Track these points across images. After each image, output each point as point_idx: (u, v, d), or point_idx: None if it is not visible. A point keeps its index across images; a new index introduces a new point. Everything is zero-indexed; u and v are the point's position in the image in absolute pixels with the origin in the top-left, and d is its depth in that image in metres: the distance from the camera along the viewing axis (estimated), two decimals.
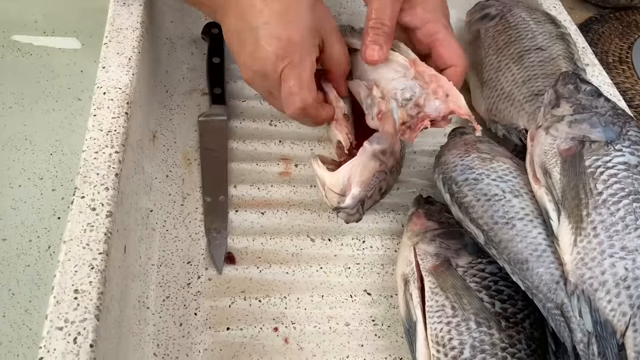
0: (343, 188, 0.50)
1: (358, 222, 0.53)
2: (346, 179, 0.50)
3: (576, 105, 0.53)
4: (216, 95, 0.64)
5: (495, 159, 0.55)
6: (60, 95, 0.74)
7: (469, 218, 0.51)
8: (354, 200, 0.50)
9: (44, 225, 0.65)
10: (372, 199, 0.53)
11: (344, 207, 0.51)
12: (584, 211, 0.47)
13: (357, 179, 0.50)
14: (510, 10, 0.71)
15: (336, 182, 0.51)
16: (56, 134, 0.71)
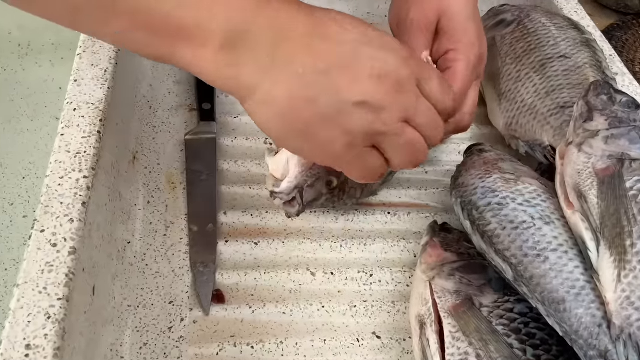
0: (284, 173, 0.45)
1: (298, 215, 0.47)
2: (286, 162, 0.45)
3: (612, 118, 0.47)
4: (205, 111, 0.58)
5: (520, 180, 0.48)
6: (35, 114, 0.67)
7: (494, 249, 0.44)
8: (290, 184, 0.45)
9: (12, 256, 0.58)
10: (315, 190, 0.47)
11: (278, 192, 0.45)
12: (628, 241, 0.41)
13: (296, 161, 0.45)
14: (528, 16, 0.64)
15: (277, 166, 0.46)
16: (30, 155, 0.65)
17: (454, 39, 0.49)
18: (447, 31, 0.50)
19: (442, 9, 0.50)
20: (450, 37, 0.49)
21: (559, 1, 0.69)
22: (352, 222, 0.54)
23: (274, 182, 0.46)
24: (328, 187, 0.47)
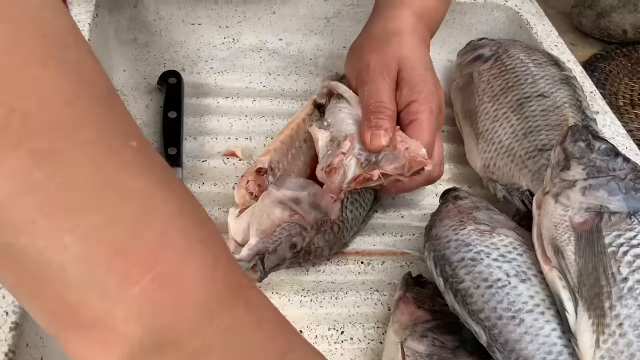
0: (244, 238, 0.44)
1: (260, 281, 0.46)
2: (247, 227, 0.44)
3: (590, 167, 0.45)
4: (170, 156, 0.56)
5: (496, 232, 0.46)
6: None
7: (467, 310, 0.42)
8: (250, 252, 0.43)
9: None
10: (277, 256, 0.45)
11: (239, 259, 0.44)
12: (607, 302, 0.39)
13: (256, 227, 0.44)
14: (506, 51, 0.63)
15: (237, 230, 0.45)
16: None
17: (415, 89, 0.50)
18: (407, 82, 0.50)
19: (401, 58, 0.51)
20: (411, 87, 0.50)
21: (539, 35, 0.67)
22: (323, 274, 0.52)
23: (234, 247, 0.44)
24: (292, 250, 0.45)
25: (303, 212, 0.45)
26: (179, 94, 0.60)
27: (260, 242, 0.44)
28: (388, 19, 0.55)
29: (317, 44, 0.72)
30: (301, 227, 0.46)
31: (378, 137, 0.47)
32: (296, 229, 0.46)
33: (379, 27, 0.55)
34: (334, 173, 0.46)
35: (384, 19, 0.55)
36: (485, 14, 0.73)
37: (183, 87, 0.63)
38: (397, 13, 0.55)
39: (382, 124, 0.48)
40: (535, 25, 0.69)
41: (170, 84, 0.61)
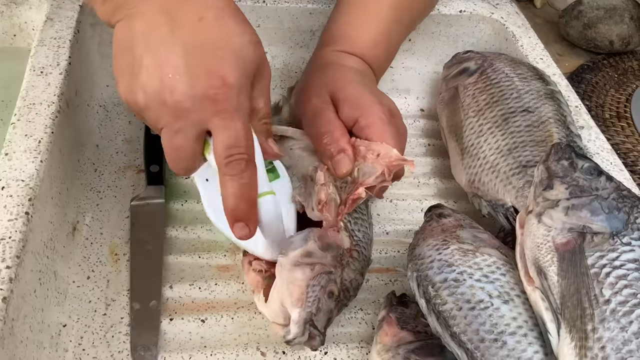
0: (285, 316, 0.43)
1: (323, 344, 0.44)
2: (282, 305, 0.43)
3: (573, 186, 0.45)
4: (153, 174, 0.55)
5: (479, 251, 0.46)
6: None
7: (449, 332, 0.42)
8: (298, 326, 0.42)
9: None
10: (325, 311, 0.44)
11: (293, 339, 0.43)
12: (589, 325, 0.39)
13: (289, 301, 0.43)
14: (491, 65, 0.62)
15: (274, 313, 0.43)
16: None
17: (355, 104, 0.50)
18: (345, 100, 0.51)
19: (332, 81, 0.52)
20: (351, 104, 0.50)
21: (525, 47, 0.67)
22: None
23: (283, 330, 0.43)
24: (331, 299, 0.44)
25: (320, 260, 0.45)
26: None
27: (302, 312, 0.43)
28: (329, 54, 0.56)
29: (302, 57, 0.71)
30: (327, 274, 0.45)
31: (341, 162, 0.48)
32: (325, 279, 0.45)
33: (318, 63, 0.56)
34: (326, 207, 0.46)
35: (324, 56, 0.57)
36: (471, 26, 0.73)
37: None
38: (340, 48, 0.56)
39: (339, 147, 0.48)
40: (521, 38, 0.69)
41: None
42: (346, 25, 0.58)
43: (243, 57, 0.40)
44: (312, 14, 0.69)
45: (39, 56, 0.55)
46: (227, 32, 0.40)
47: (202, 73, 0.38)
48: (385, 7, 0.58)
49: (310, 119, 0.50)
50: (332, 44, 0.57)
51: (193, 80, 0.38)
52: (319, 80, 0.53)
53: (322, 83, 0.52)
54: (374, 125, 0.49)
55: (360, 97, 0.51)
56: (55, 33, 0.58)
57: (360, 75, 0.54)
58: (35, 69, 0.54)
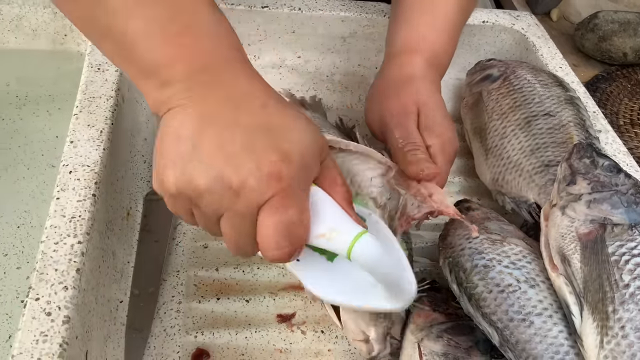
0: (363, 334, 0.45)
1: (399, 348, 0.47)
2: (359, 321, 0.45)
3: (594, 182, 0.48)
4: None
5: (506, 241, 0.50)
6: (32, 162, 0.68)
7: (480, 313, 0.45)
8: (379, 342, 0.45)
9: (5, 310, 0.58)
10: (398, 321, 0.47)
11: (377, 354, 0.45)
12: (610, 307, 0.42)
13: (366, 319, 0.45)
14: (514, 72, 0.66)
15: (354, 331, 0.45)
16: (25, 204, 0.65)
17: (434, 133, 0.52)
18: (427, 126, 0.52)
19: (419, 102, 0.53)
20: (430, 132, 0.52)
21: (545, 57, 0.71)
22: None
23: (366, 347, 0.45)
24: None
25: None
26: None
27: (378, 328, 0.45)
28: (400, 65, 0.57)
29: (333, 62, 0.75)
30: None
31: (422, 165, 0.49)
32: None
33: (392, 74, 0.57)
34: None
35: (396, 66, 0.57)
36: (493, 35, 0.77)
37: None
38: (408, 59, 0.57)
39: (420, 156, 0.50)
40: (540, 47, 0.73)
41: None
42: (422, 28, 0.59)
43: (307, 140, 0.38)
44: (344, 21, 0.73)
45: (95, 54, 0.59)
46: (290, 117, 0.38)
47: (267, 151, 0.36)
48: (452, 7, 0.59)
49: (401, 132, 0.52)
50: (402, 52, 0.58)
51: (259, 158, 0.35)
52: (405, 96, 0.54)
53: (411, 101, 0.53)
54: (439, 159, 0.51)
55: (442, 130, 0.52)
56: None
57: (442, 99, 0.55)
58: (92, 65, 0.58)
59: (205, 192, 0.36)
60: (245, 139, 0.36)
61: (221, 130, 0.36)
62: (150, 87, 0.38)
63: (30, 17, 0.69)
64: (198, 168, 0.35)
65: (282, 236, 0.36)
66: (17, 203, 0.65)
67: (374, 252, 0.38)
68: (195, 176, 0.36)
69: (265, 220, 0.36)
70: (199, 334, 0.49)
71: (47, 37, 0.70)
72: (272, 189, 0.36)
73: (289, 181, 0.36)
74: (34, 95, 0.71)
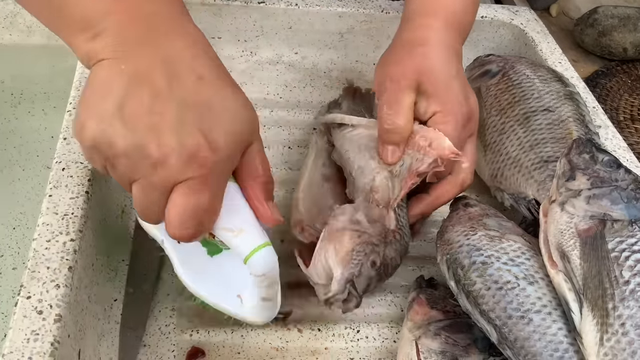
0: (327, 276, 0.45)
1: (358, 306, 0.46)
2: (325, 264, 0.45)
3: (594, 177, 0.48)
4: None
5: (505, 237, 0.49)
6: (27, 163, 0.68)
7: (478, 310, 0.44)
8: (339, 283, 0.44)
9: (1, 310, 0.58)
10: (365, 276, 0.46)
11: (333, 295, 0.45)
12: (610, 303, 0.41)
13: (333, 259, 0.44)
14: (512, 67, 0.66)
15: (317, 273, 0.45)
16: (21, 205, 0.65)
17: (439, 100, 0.49)
18: (430, 93, 0.50)
19: (422, 69, 0.50)
20: (435, 98, 0.50)
21: (544, 52, 0.71)
22: None
23: (323, 291, 0.45)
24: (373, 268, 0.46)
25: (367, 230, 0.47)
26: None
27: (345, 271, 0.44)
28: (416, 28, 0.54)
29: (330, 58, 0.75)
30: (372, 244, 0.47)
31: (386, 152, 0.50)
32: (369, 247, 0.46)
33: (405, 37, 0.54)
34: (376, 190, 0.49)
35: (411, 29, 0.54)
36: (492, 31, 0.76)
37: None
38: (425, 21, 0.53)
39: (393, 139, 0.49)
40: (540, 42, 0.72)
41: None
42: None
43: (238, 120, 0.38)
44: (342, 17, 0.72)
45: None
46: (224, 94, 0.38)
47: (195, 132, 0.35)
48: None
49: (387, 100, 0.50)
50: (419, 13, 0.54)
51: (185, 138, 0.35)
52: (408, 62, 0.50)
53: (411, 67, 0.50)
54: (447, 126, 0.49)
55: (447, 95, 0.50)
56: None
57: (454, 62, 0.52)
58: None
59: (122, 156, 0.35)
60: (174, 113, 0.35)
61: (151, 98, 0.35)
62: (81, 40, 0.37)
63: (25, 13, 0.69)
64: (119, 130, 0.35)
65: (190, 218, 0.36)
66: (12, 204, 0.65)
67: (271, 265, 0.40)
68: (114, 138, 0.35)
69: (178, 199, 0.36)
70: (194, 333, 0.48)
71: (42, 34, 0.70)
72: (192, 171, 0.35)
73: (211, 168, 0.36)
74: (29, 93, 0.70)
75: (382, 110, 0.50)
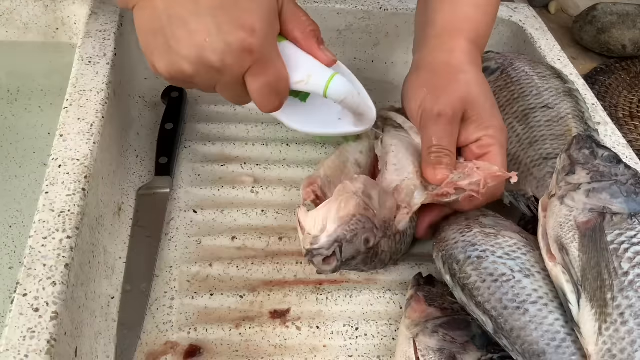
0: (321, 228, 0.44)
1: (335, 272, 0.46)
2: (324, 218, 0.45)
3: (594, 172, 0.48)
4: (161, 165, 0.58)
5: (500, 234, 0.49)
6: (24, 160, 0.67)
7: (474, 302, 0.44)
8: (329, 239, 0.44)
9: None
10: (354, 247, 0.46)
11: (318, 248, 0.44)
12: (609, 294, 0.41)
13: (334, 215, 0.45)
14: (511, 64, 0.65)
15: (313, 223, 0.45)
16: (17, 203, 0.64)
17: (484, 125, 0.51)
18: (475, 119, 0.51)
19: (467, 99, 0.51)
20: (479, 124, 0.51)
21: (542, 49, 0.70)
22: (338, 274, 0.54)
23: (311, 240, 0.44)
24: (365, 245, 0.46)
25: (374, 208, 0.47)
26: (178, 108, 0.63)
27: (339, 229, 0.44)
28: (446, 51, 0.54)
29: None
30: (372, 224, 0.47)
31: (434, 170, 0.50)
32: (369, 224, 0.46)
33: (438, 61, 0.54)
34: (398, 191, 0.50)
35: (442, 51, 0.54)
36: None
37: (186, 100, 0.66)
38: (454, 44, 0.54)
39: (443, 161, 0.50)
40: (539, 39, 0.72)
41: (172, 97, 0.64)
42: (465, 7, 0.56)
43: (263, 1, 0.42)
44: (340, 14, 0.72)
45: (86, 47, 0.58)
46: None
47: (233, 29, 0.41)
48: None
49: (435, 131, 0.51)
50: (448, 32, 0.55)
51: (227, 38, 0.41)
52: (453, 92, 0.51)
53: (459, 96, 0.51)
54: (494, 148, 0.51)
55: (492, 121, 0.52)
56: (100, 26, 0.61)
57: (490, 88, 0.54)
58: (83, 58, 0.57)
59: (195, 75, 0.42)
60: (209, 21, 0.40)
61: (186, 18, 0.41)
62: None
63: (21, 10, 0.68)
64: (179, 57, 0.42)
65: (268, 94, 0.44)
66: (9, 202, 0.65)
67: (345, 88, 0.46)
68: (181, 65, 0.42)
69: (252, 85, 0.43)
70: (192, 331, 0.48)
71: (39, 31, 0.69)
72: (248, 61, 0.42)
73: (260, 50, 0.42)
74: (25, 90, 0.70)
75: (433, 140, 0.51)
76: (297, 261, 0.54)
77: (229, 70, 0.42)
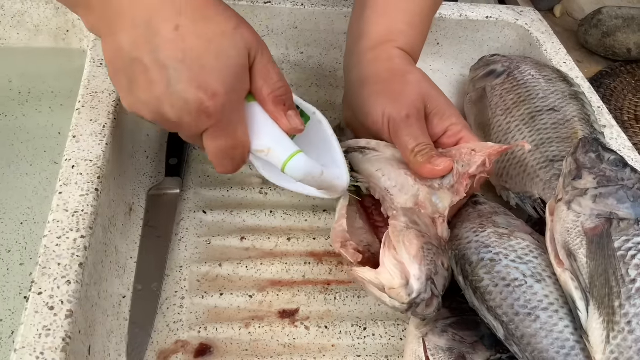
0: (403, 276, 0.41)
1: (439, 309, 0.43)
2: (398, 265, 0.41)
3: (600, 177, 0.48)
4: (171, 166, 0.59)
5: (513, 235, 0.49)
6: (35, 159, 0.68)
7: (486, 307, 0.45)
8: (420, 280, 0.41)
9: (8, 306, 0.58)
10: (442, 275, 0.43)
11: (417, 296, 0.41)
12: (616, 302, 0.42)
13: (407, 258, 0.41)
14: (518, 67, 0.66)
15: (389, 276, 0.41)
16: (29, 200, 0.65)
17: (446, 115, 0.53)
18: (436, 112, 0.53)
19: (424, 95, 0.53)
20: (441, 116, 0.53)
21: (548, 52, 0.71)
22: (345, 274, 0.54)
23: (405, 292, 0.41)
24: (444, 267, 0.44)
25: (427, 232, 0.45)
26: None
27: (422, 267, 0.41)
28: (385, 60, 0.55)
29: (336, 58, 0.75)
30: (435, 246, 0.45)
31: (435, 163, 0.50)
32: (435, 248, 0.44)
33: (383, 70, 0.55)
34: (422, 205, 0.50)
35: (381, 61, 0.55)
36: (496, 31, 0.77)
37: None
38: (390, 53, 0.56)
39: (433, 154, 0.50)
40: (544, 43, 0.72)
41: None
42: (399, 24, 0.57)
43: (226, 51, 0.40)
44: (347, 17, 0.72)
45: (98, 49, 0.59)
46: (205, 35, 0.40)
47: (192, 88, 0.39)
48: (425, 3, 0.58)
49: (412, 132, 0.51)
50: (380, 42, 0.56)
51: (185, 96, 0.39)
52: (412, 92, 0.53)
53: (417, 96, 0.52)
54: (465, 132, 0.52)
55: (451, 110, 0.53)
56: None
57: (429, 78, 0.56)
58: (95, 60, 0.58)
59: (155, 121, 0.41)
60: (171, 74, 0.39)
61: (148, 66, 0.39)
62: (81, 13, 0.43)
63: (32, 13, 0.69)
64: (141, 105, 0.41)
65: (222, 159, 0.43)
66: (20, 199, 0.65)
67: (304, 169, 0.44)
68: (141, 109, 0.41)
69: (208, 146, 0.42)
70: (202, 330, 0.48)
71: (49, 34, 0.70)
72: (205, 123, 0.40)
73: (218, 114, 0.40)
74: (36, 91, 0.71)
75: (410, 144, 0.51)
76: (305, 261, 0.54)
77: (186, 127, 0.41)
